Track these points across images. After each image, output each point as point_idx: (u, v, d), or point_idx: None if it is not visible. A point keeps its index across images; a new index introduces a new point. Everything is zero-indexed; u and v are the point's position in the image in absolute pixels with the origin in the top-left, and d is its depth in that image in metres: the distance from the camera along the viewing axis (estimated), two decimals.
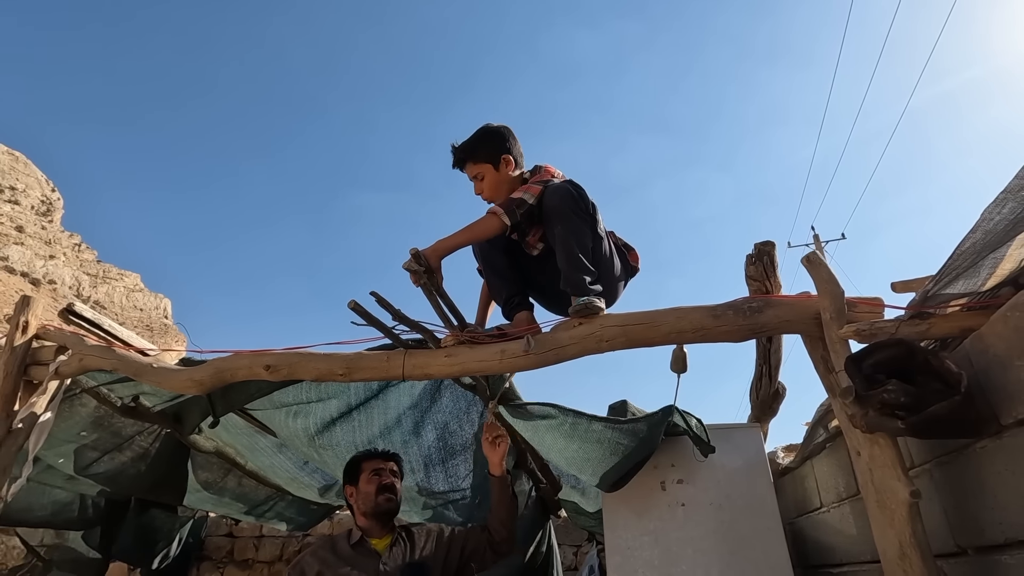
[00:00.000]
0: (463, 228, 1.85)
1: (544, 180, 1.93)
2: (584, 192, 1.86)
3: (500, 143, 2.00)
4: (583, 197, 1.85)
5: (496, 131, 2.01)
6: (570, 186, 1.86)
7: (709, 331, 1.66)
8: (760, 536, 2.31)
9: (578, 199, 1.83)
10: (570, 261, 1.80)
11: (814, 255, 1.58)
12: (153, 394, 2.56)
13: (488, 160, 1.99)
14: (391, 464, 2.09)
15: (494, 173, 1.99)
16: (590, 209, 1.86)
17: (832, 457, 2.32)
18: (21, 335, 2.05)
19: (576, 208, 1.82)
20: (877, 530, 1.39)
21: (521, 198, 1.87)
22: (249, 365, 1.89)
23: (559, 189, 1.85)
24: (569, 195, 1.83)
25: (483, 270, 2.05)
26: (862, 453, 1.44)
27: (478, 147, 2.00)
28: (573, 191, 1.84)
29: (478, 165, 2.00)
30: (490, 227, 1.85)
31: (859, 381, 1.34)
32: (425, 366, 1.82)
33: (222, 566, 4.98)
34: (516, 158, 2.02)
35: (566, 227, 1.81)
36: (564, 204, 1.81)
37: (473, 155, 2.01)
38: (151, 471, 3.07)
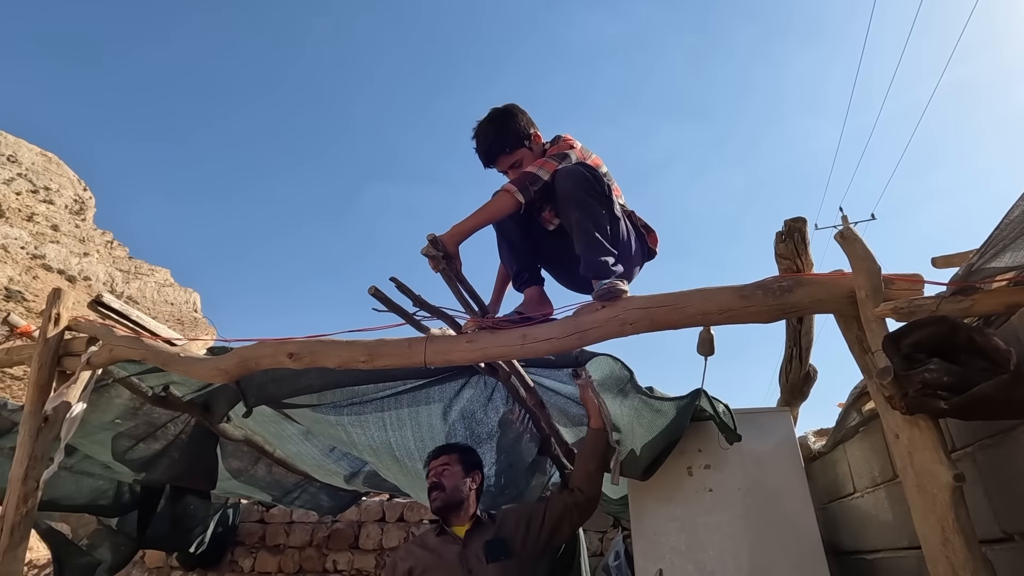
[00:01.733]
0: (478, 210, 1.82)
1: (562, 153, 1.87)
2: (598, 174, 1.80)
3: (523, 122, 1.93)
4: (598, 180, 1.79)
5: (511, 113, 1.94)
6: (584, 169, 1.80)
7: (737, 312, 1.60)
8: (791, 522, 2.26)
9: (593, 182, 1.78)
10: (590, 245, 1.75)
11: (848, 230, 1.51)
12: (183, 384, 2.61)
13: (520, 145, 1.92)
14: (439, 462, 2.13)
15: (530, 153, 1.93)
16: (606, 191, 1.81)
17: (866, 441, 2.25)
18: (53, 327, 2.10)
19: (591, 191, 1.77)
20: (917, 515, 1.34)
21: (535, 174, 1.81)
22: (273, 353, 1.91)
23: (572, 173, 1.79)
24: (583, 178, 1.77)
25: (497, 240, 2.02)
26: (900, 436, 1.38)
27: (505, 138, 1.92)
28: (588, 174, 1.78)
29: (513, 155, 1.92)
30: (505, 206, 1.81)
31: (898, 361, 1.28)
32: (447, 352, 1.81)
33: (255, 551, 5.11)
34: (538, 129, 1.97)
35: (583, 212, 1.76)
36: (578, 188, 1.76)
37: (503, 147, 1.92)
38: (183, 458, 3.14)
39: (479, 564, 1.94)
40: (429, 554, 2.02)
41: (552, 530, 2.10)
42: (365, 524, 5.03)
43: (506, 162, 1.94)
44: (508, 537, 2.03)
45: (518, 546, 2.02)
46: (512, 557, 1.98)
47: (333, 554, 4.96)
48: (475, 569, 1.94)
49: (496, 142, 1.92)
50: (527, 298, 1.90)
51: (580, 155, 1.91)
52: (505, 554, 1.97)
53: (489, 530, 2.06)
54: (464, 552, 1.98)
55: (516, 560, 1.98)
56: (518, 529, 2.07)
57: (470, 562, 1.95)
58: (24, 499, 1.86)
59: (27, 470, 1.90)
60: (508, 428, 2.76)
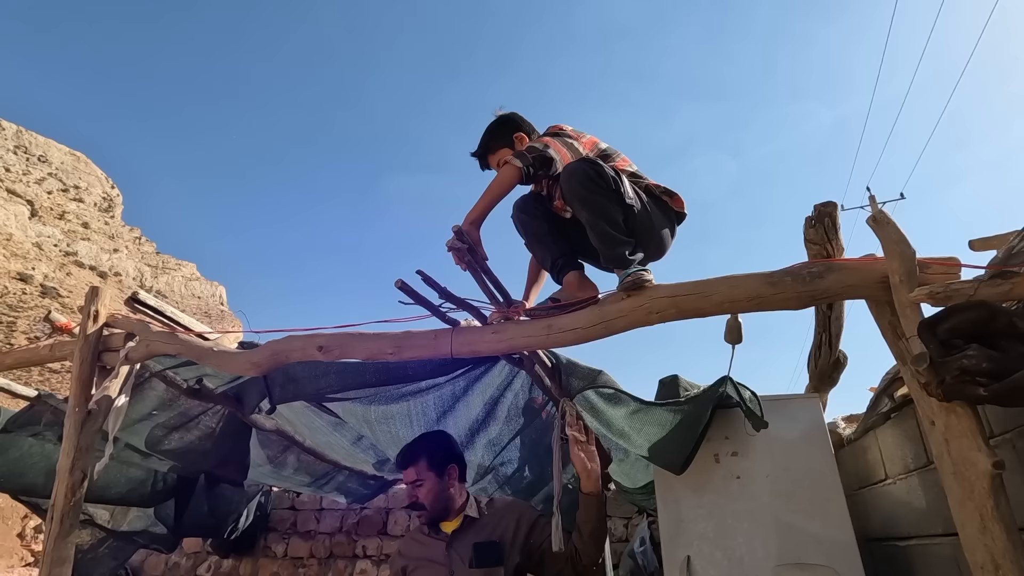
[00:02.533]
0: (486, 190, 1.87)
1: (551, 132, 1.96)
2: (601, 167, 1.80)
3: (509, 127, 2.07)
4: (600, 174, 1.79)
5: (501, 120, 2.10)
6: (586, 165, 1.81)
7: (765, 299, 1.58)
8: (821, 508, 2.24)
9: (596, 177, 1.79)
10: (603, 240, 1.79)
11: (881, 214, 1.48)
12: (215, 376, 2.68)
13: (504, 145, 2.06)
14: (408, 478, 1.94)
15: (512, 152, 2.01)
16: (611, 183, 1.80)
17: (898, 427, 2.21)
18: (93, 323, 2.17)
19: (595, 187, 1.78)
20: (954, 503, 1.32)
21: (530, 145, 1.90)
22: (303, 347, 1.94)
23: (575, 171, 1.81)
24: (585, 175, 1.79)
25: (526, 242, 2.05)
26: (937, 423, 1.36)
27: (491, 141, 2.08)
28: (589, 170, 1.80)
29: (498, 153, 2.07)
30: (508, 177, 1.86)
31: (934, 347, 1.25)
32: (472, 343, 1.82)
33: (287, 537, 5.25)
34: (528, 133, 2.07)
35: (591, 209, 1.79)
36: (582, 186, 1.79)
37: (488, 148, 2.09)
38: (217, 448, 3.24)
39: (461, 567, 1.80)
40: (419, 550, 1.93)
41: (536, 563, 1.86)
42: (393, 511, 5.13)
43: (493, 160, 2.08)
44: (501, 539, 1.86)
45: (508, 548, 1.84)
46: (501, 564, 1.80)
47: (362, 540, 5.08)
48: (457, 572, 1.81)
49: (484, 144, 2.10)
50: (565, 284, 1.90)
51: (573, 134, 1.97)
52: (494, 559, 1.80)
53: (481, 528, 1.90)
54: (449, 552, 1.86)
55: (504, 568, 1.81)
56: (517, 535, 1.88)
57: (453, 563, 1.82)
58: (72, 489, 1.95)
59: (73, 461, 1.98)
60: (533, 417, 2.77)
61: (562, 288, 1.91)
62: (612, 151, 1.98)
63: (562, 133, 1.95)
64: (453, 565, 1.82)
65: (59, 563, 1.86)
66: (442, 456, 1.99)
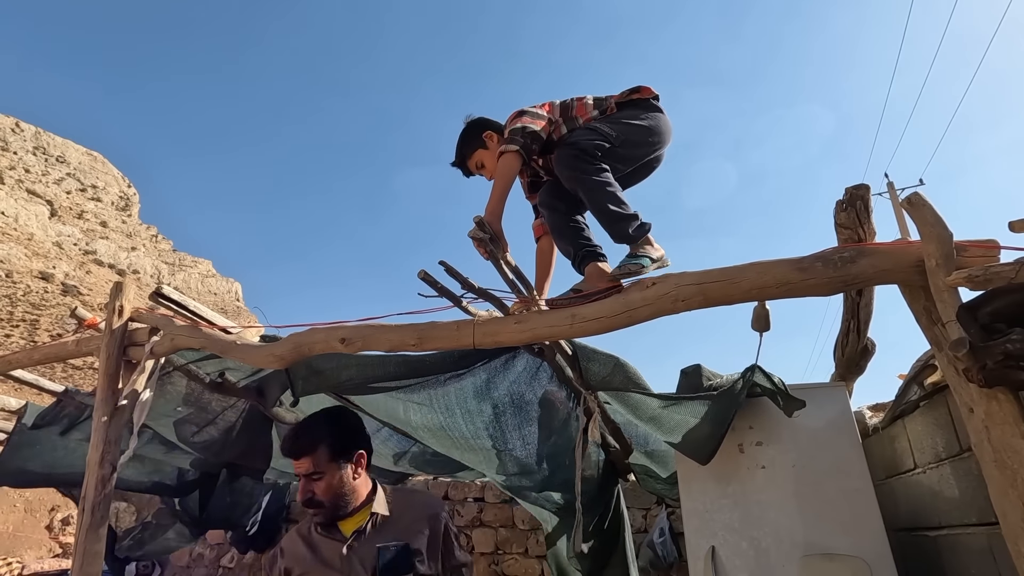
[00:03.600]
0: (494, 183, 1.91)
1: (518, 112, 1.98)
2: (581, 144, 1.82)
3: (477, 129, 2.10)
4: (583, 150, 1.82)
5: (470, 123, 2.12)
6: (568, 149, 1.85)
7: (795, 285, 1.54)
8: (848, 498, 2.21)
9: (579, 157, 1.81)
10: (604, 218, 1.82)
11: (916, 196, 1.43)
12: (237, 369, 2.71)
13: (477, 147, 2.09)
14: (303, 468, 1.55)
15: (487, 152, 2.08)
16: (594, 151, 1.82)
17: (929, 415, 2.16)
18: (118, 318, 2.20)
19: (583, 168, 1.81)
20: (995, 492, 1.28)
21: (513, 127, 1.92)
22: (325, 339, 1.94)
23: (561, 158, 1.87)
24: (571, 158, 1.83)
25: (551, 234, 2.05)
26: (976, 410, 1.32)
27: (463, 147, 2.12)
28: (572, 151, 1.83)
29: (473, 156, 2.11)
30: (511, 164, 1.90)
31: (975, 332, 1.21)
32: (495, 333, 1.81)
33: None
34: (496, 130, 2.10)
35: (586, 192, 1.83)
36: (571, 171, 1.83)
37: (463, 152, 2.13)
38: (239, 440, 3.27)
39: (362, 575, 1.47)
40: (307, 553, 1.56)
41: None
42: None
43: (472, 163, 2.13)
44: (414, 543, 1.53)
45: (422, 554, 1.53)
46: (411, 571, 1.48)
47: None
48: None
49: (458, 150, 2.14)
50: (587, 275, 1.89)
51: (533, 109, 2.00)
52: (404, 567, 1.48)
53: (388, 528, 1.56)
54: (348, 556, 1.50)
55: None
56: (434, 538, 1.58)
57: (352, 570, 1.48)
58: (102, 481, 1.97)
59: (103, 454, 2.01)
60: (551, 408, 2.76)
61: (584, 279, 1.89)
62: (570, 101, 2.02)
63: (525, 112, 1.98)
64: (352, 572, 1.48)
65: (91, 553, 1.89)
66: (348, 441, 1.61)
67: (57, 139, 33.60)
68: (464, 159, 2.14)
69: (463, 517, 4.95)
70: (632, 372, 2.15)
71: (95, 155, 34.90)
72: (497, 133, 2.08)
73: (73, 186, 32.00)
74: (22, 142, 30.98)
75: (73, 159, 33.55)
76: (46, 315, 22.54)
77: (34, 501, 11.07)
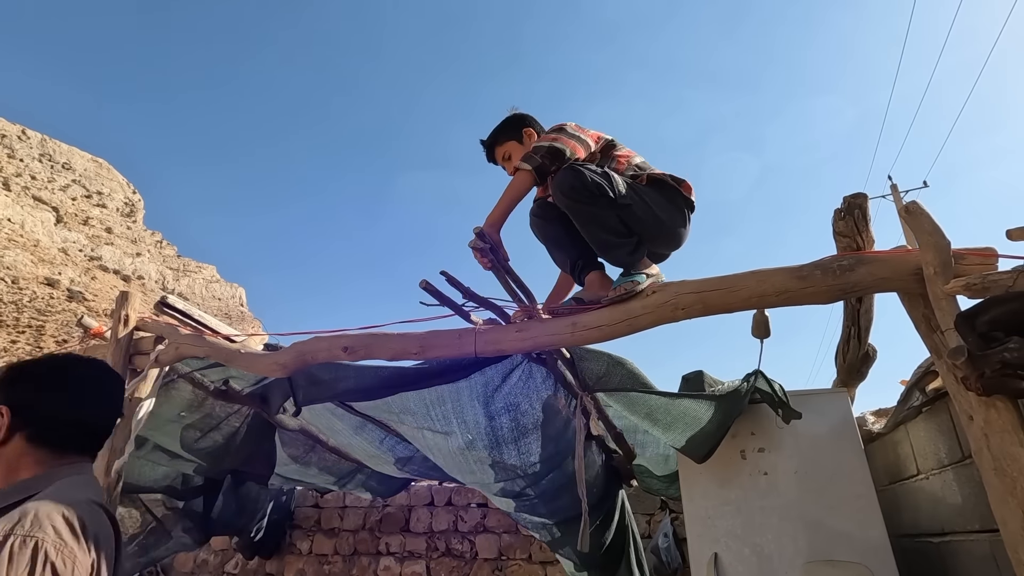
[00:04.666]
0: (503, 194, 1.90)
1: (556, 128, 1.99)
2: (582, 174, 1.78)
3: (520, 122, 2.12)
4: (583, 183, 1.77)
5: (514, 115, 2.16)
6: (569, 174, 1.81)
7: (794, 294, 1.56)
8: (851, 504, 2.21)
9: (579, 187, 1.78)
10: (600, 247, 1.84)
11: (914, 205, 1.44)
12: (241, 377, 2.72)
13: (512, 138, 2.11)
14: None
15: (519, 147, 2.09)
16: (595, 190, 1.77)
17: (931, 421, 2.16)
18: (123, 327, 2.22)
19: (580, 196, 1.79)
20: (995, 499, 1.29)
21: (536, 144, 1.93)
22: (328, 347, 1.96)
23: (560, 181, 1.83)
24: (570, 186, 1.80)
25: (547, 249, 2.06)
26: (975, 417, 1.32)
27: (500, 133, 2.14)
28: (572, 179, 1.80)
29: (504, 146, 2.13)
30: (522, 182, 1.90)
31: (973, 340, 1.22)
32: (497, 342, 1.82)
33: (311, 534, 5.32)
34: (538, 131, 2.12)
35: (581, 219, 1.83)
36: (568, 197, 1.82)
37: (497, 139, 2.14)
38: (243, 447, 3.29)
39: None
40: None
41: None
42: (415, 508, 5.17)
43: (499, 152, 2.14)
44: None
45: None
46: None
47: (386, 537, 5.12)
48: None
49: (493, 135, 2.16)
50: (587, 284, 1.91)
51: (576, 129, 1.98)
52: None
53: None
54: None
55: None
56: None
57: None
58: (108, 489, 1.99)
59: (108, 462, 2.03)
60: (552, 414, 2.77)
61: (584, 288, 1.90)
62: (617, 143, 2.01)
63: (565, 127, 1.97)
64: None
65: None
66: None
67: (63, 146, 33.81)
68: (495, 144, 2.15)
69: (467, 523, 4.95)
70: (630, 368, 2.15)
71: (100, 162, 35.11)
72: (536, 133, 2.11)
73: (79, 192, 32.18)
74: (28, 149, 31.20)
75: (79, 166, 33.76)
76: (52, 321, 22.64)
77: None
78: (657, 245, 1.92)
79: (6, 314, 22.16)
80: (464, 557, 4.84)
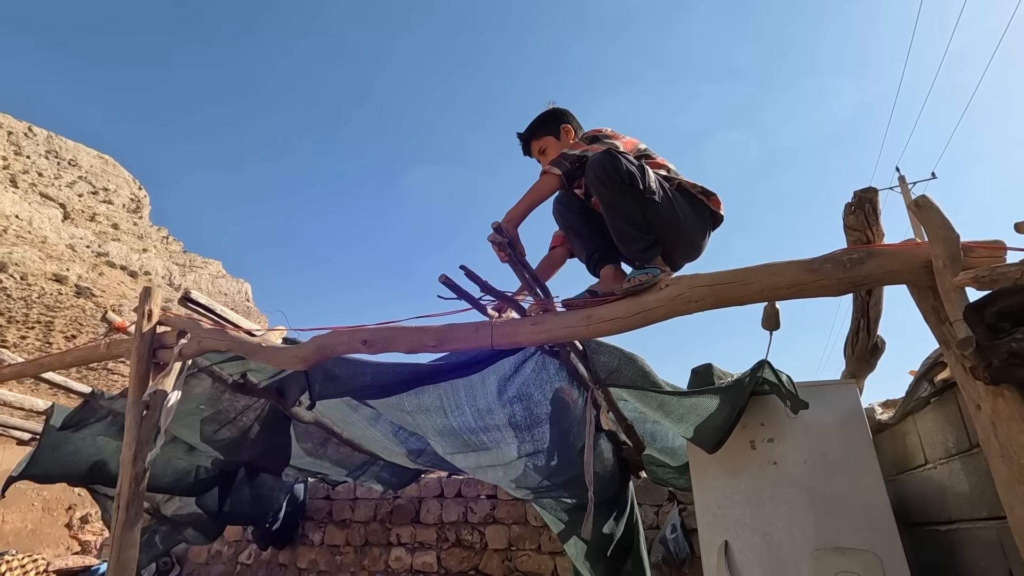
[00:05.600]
0: (525, 193, 1.94)
1: (590, 136, 2.01)
2: (618, 161, 1.81)
3: (558, 117, 2.15)
4: (616, 168, 1.80)
5: (553, 110, 2.18)
6: (604, 157, 1.83)
7: (805, 286, 1.59)
8: (859, 494, 2.25)
9: (611, 171, 1.80)
10: (619, 237, 1.86)
11: (923, 199, 1.47)
12: (258, 371, 2.78)
13: (549, 133, 2.14)
14: None
15: (555, 143, 2.12)
16: (626, 178, 1.80)
17: (939, 412, 2.20)
18: (147, 322, 2.28)
19: (610, 181, 1.81)
20: (1002, 487, 1.32)
21: (566, 152, 1.96)
22: (347, 341, 2.01)
23: (593, 164, 1.84)
24: (602, 168, 1.81)
25: (564, 233, 2.10)
26: (983, 406, 1.36)
27: (538, 127, 2.17)
28: (607, 163, 1.81)
29: (540, 140, 2.16)
30: (547, 184, 1.93)
31: (981, 331, 1.26)
32: (512, 334, 1.86)
33: (323, 526, 5.41)
34: (576, 128, 2.14)
35: (607, 204, 1.85)
36: (599, 180, 1.83)
37: (534, 133, 2.17)
38: (260, 439, 3.36)
39: None
40: None
41: None
42: (425, 500, 5.24)
43: (535, 146, 2.16)
44: None
45: None
46: None
47: (396, 528, 5.20)
48: None
49: (531, 129, 2.18)
50: (602, 277, 1.95)
51: (611, 135, 2.00)
52: None
53: None
54: None
55: None
56: None
57: None
58: (135, 479, 2.05)
59: (135, 453, 2.09)
60: (562, 406, 2.81)
61: (599, 281, 1.94)
62: (651, 152, 2.02)
63: (601, 135, 2.00)
64: None
65: (128, 547, 1.97)
66: None
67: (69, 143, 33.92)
68: (531, 138, 2.17)
69: (476, 514, 5.02)
70: (641, 364, 2.19)
71: (106, 158, 35.22)
72: (573, 130, 2.14)
73: (85, 189, 32.33)
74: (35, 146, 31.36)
75: (84, 162, 33.90)
76: (60, 316, 22.80)
77: (51, 500, 11.28)
78: (675, 250, 1.94)
79: (16, 310, 22.34)
80: (474, 548, 4.91)
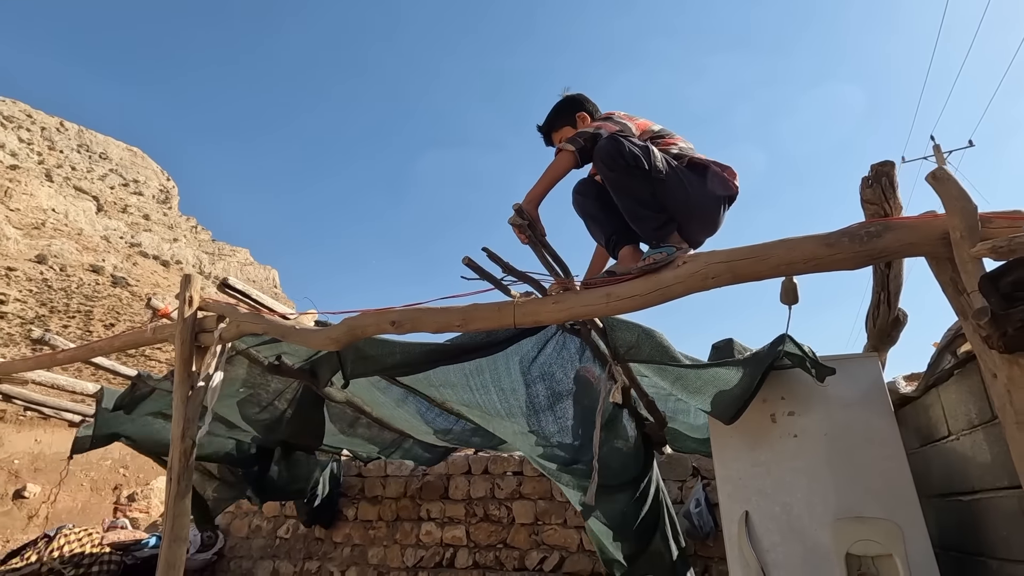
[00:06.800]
0: (543, 173, 1.97)
1: (603, 117, 2.04)
2: (621, 144, 1.85)
3: (572, 107, 2.17)
4: (620, 151, 1.84)
5: (569, 98, 2.20)
6: (609, 143, 1.87)
7: (822, 260, 1.61)
8: (880, 465, 2.28)
9: (616, 155, 1.84)
10: (631, 217, 1.90)
11: (940, 171, 1.48)
12: (292, 353, 2.91)
13: (567, 123, 2.17)
14: None
15: (574, 132, 2.12)
16: (630, 160, 1.84)
17: (962, 384, 2.20)
18: (189, 308, 2.41)
19: (616, 165, 1.85)
20: (1018, 454, 1.35)
21: (581, 130, 1.99)
22: (376, 322, 2.10)
23: (599, 150, 1.90)
24: (607, 154, 1.86)
25: (584, 223, 2.14)
26: (999, 375, 1.38)
27: (556, 118, 2.20)
28: (611, 147, 1.86)
29: (560, 131, 2.19)
30: (563, 162, 1.97)
31: (996, 300, 1.27)
32: (535, 313, 1.93)
33: (356, 502, 5.63)
34: (591, 113, 2.16)
35: (616, 188, 1.90)
36: (605, 165, 1.88)
37: (554, 125, 2.20)
38: (295, 419, 3.51)
39: None
40: None
41: None
42: (453, 476, 5.40)
43: (556, 138, 2.19)
44: None
45: None
46: None
47: (426, 504, 5.38)
48: None
49: (549, 121, 2.22)
50: (620, 258, 1.99)
51: (624, 118, 2.03)
52: None
53: None
54: None
55: None
56: None
57: None
58: (184, 454, 2.20)
59: (183, 430, 2.23)
60: (584, 383, 2.88)
61: (618, 262, 1.99)
62: (665, 132, 2.04)
63: (613, 117, 2.03)
64: None
65: (180, 516, 2.12)
66: None
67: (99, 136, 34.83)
68: (551, 130, 2.22)
69: (503, 490, 5.16)
70: (659, 339, 2.24)
71: (135, 150, 36.13)
72: (589, 116, 2.17)
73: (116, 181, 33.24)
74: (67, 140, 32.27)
75: (115, 155, 34.81)
76: (99, 306, 23.72)
77: (99, 480, 11.93)
78: (690, 226, 1.97)
79: (57, 300, 23.29)
80: (502, 522, 5.06)
